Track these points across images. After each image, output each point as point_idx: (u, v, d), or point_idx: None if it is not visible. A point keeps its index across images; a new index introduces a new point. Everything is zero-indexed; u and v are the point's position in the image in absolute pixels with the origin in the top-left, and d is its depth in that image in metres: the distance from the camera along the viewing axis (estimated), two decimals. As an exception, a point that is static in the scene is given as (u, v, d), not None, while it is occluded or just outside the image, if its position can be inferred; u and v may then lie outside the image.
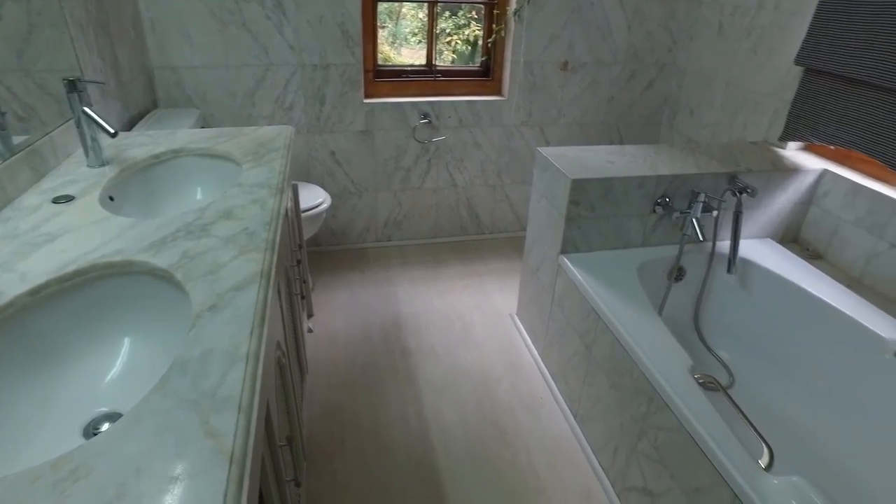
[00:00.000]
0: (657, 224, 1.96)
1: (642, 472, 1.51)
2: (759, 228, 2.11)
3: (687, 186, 1.91)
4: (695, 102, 2.72)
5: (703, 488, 1.26)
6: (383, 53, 2.72)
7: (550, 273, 2.00)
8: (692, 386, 1.36)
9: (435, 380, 2.07)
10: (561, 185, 1.86)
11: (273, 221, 1.18)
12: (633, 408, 1.53)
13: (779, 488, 1.12)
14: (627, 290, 1.72)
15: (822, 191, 2.08)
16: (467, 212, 2.98)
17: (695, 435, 1.26)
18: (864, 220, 1.93)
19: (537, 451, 1.81)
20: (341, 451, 1.78)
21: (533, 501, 1.65)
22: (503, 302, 2.52)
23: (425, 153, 2.75)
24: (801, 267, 1.94)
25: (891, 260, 1.85)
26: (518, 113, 2.77)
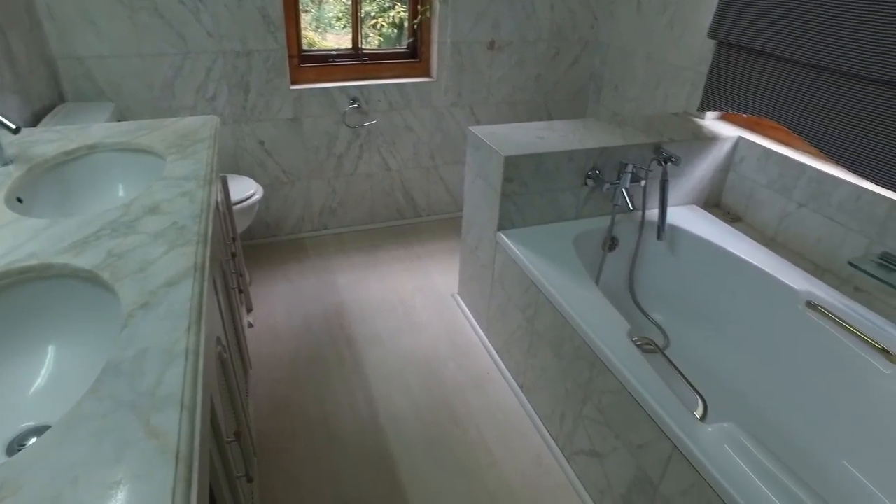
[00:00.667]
0: (589, 196, 2.02)
1: (588, 434, 1.57)
2: (684, 195, 2.21)
3: (615, 158, 1.97)
4: (618, 77, 2.80)
5: (645, 444, 1.33)
6: (308, 38, 2.65)
7: (489, 250, 2.03)
8: (630, 349, 1.42)
9: (382, 365, 2.07)
10: (494, 163, 1.88)
11: (203, 214, 1.14)
12: (576, 374, 1.59)
13: (713, 435, 1.19)
14: (564, 262, 1.77)
15: (738, 157, 2.20)
16: (403, 195, 2.97)
17: (635, 394, 1.32)
18: (776, 183, 2.06)
19: (488, 426, 1.85)
20: (292, 445, 1.75)
21: (487, 475, 1.69)
22: (444, 283, 2.54)
23: (357, 138, 2.72)
24: (723, 230, 2.05)
25: (799, 218, 1.98)
26: (448, 94, 2.77)
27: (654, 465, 1.31)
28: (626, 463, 1.41)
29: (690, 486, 1.20)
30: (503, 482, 1.67)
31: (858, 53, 1.63)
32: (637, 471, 1.37)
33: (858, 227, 1.80)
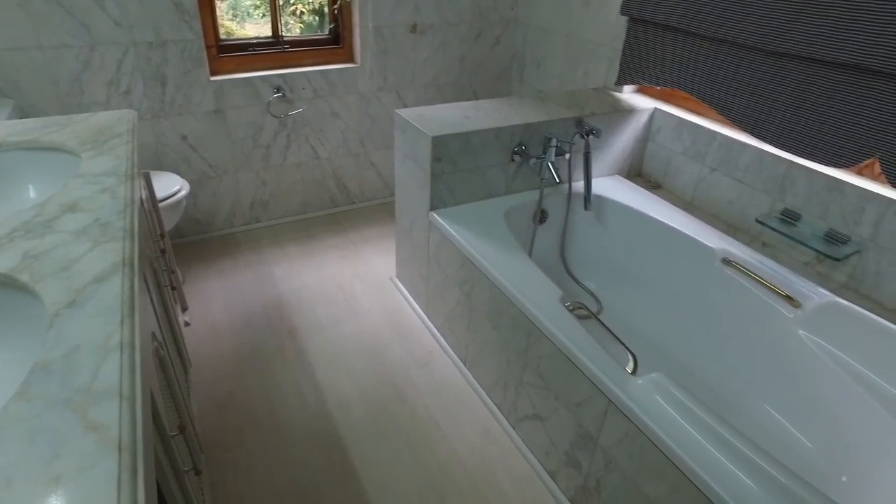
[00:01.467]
0: (517, 172, 2.08)
1: (531, 400, 1.64)
2: (608, 166, 2.31)
3: (540, 133, 2.03)
4: (540, 56, 2.87)
5: (583, 401, 1.40)
6: (225, 27, 2.57)
7: (423, 231, 2.06)
8: (564, 314, 1.49)
9: (325, 353, 2.07)
10: (422, 144, 1.90)
11: (128, 209, 1.11)
12: (514, 343, 1.65)
13: (643, 387, 1.27)
14: (497, 237, 1.82)
15: (655, 127, 2.32)
16: (335, 183, 2.95)
17: (570, 356, 1.39)
18: (690, 150, 2.19)
19: (434, 403, 1.89)
20: (240, 439, 1.74)
21: (437, 450, 1.73)
22: (382, 267, 2.56)
23: (284, 128, 2.67)
24: (645, 197, 2.16)
25: (713, 182, 2.11)
26: (373, 79, 2.76)
27: (592, 420, 1.39)
28: (567, 422, 1.49)
29: (625, 435, 1.28)
30: (453, 454, 1.72)
31: (755, 27, 1.75)
32: (578, 428, 1.45)
33: (763, 187, 1.94)
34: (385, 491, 1.60)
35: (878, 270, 1.68)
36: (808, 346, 1.62)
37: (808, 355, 1.62)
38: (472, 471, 1.67)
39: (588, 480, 1.46)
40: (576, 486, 1.52)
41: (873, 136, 1.59)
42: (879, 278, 1.68)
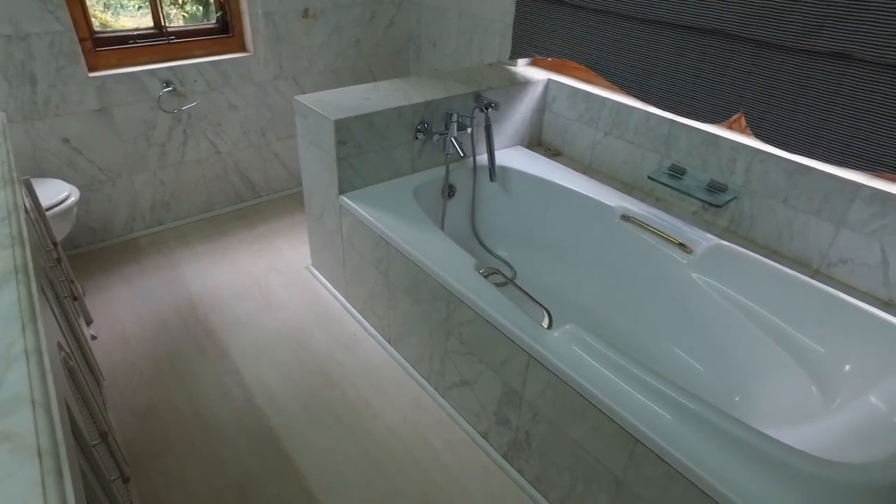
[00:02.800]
0: (422, 149, 2.11)
1: (457, 367, 1.70)
2: (509, 138, 2.39)
3: (440, 110, 2.07)
4: (435, 35, 2.91)
5: (505, 360, 1.47)
6: (99, 19, 2.41)
7: (335, 216, 2.05)
8: (479, 280, 1.55)
9: (248, 348, 2.03)
10: (325, 129, 1.89)
11: (12, 215, 1.04)
12: (435, 314, 1.70)
13: (559, 339, 1.36)
14: (408, 214, 1.85)
15: (551, 97, 2.42)
16: (238, 177, 2.86)
17: (489, 318, 1.46)
18: (584, 117, 2.31)
19: (364, 384, 1.91)
20: (167, 446, 1.68)
21: (371, 427, 1.76)
22: (296, 257, 2.52)
23: (178, 124, 2.55)
24: (547, 164, 2.26)
25: (607, 146, 2.24)
26: (268, 67, 2.69)
27: (515, 376, 1.46)
28: (493, 382, 1.56)
29: (547, 386, 1.37)
30: (387, 430, 1.75)
31: (629, -7, 1.87)
32: (503, 386, 1.53)
33: (651, 146, 2.09)
34: (324, 474, 1.62)
35: (752, 213, 1.87)
36: (701, 287, 1.78)
37: (702, 295, 1.78)
38: (408, 442, 1.71)
39: (518, 434, 1.55)
40: (507, 442, 1.61)
41: (738, 94, 1.75)
42: (754, 220, 1.87)
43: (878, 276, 1.65)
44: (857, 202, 1.63)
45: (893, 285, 1.62)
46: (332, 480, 1.60)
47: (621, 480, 1.27)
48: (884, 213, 1.59)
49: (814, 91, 1.58)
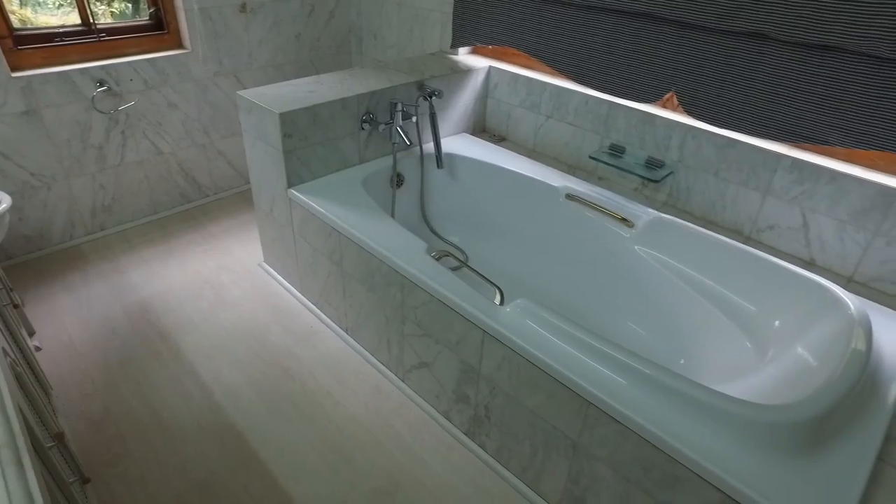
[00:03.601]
0: (369, 140, 2.13)
1: (414, 350, 1.73)
2: (454, 125, 2.43)
3: (385, 100, 2.09)
4: (376, 27, 2.91)
5: (461, 339, 1.52)
6: (18, 15, 2.31)
7: (284, 210, 2.05)
8: (431, 262, 1.58)
9: (203, 347, 2.01)
10: (270, 123, 1.88)
11: (-53, 217, 1.01)
12: (390, 300, 1.72)
13: (511, 313, 1.41)
14: (358, 203, 1.87)
15: (493, 84, 2.47)
16: (183, 178, 2.80)
17: (443, 299, 1.49)
18: (526, 102, 2.37)
19: (324, 375, 1.92)
20: (126, 451, 1.66)
21: (333, 416, 1.77)
22: (248, 255, 2.50)
23: (115, 124, 2.48)
24: (492, 150, 2.32)
25: (549, 128, 2.31)
26: (207, 64, 2.64)
27: (471, 353, 1.51)
28: (450, 361, 1.60)
29: (502, 359, 1.42)
30: (349, 417, 1.77)
31: (562, -21, 1.93)
32: (460, 364, 1.57)
33: (591, 127, 2.17)
34: (289, 464, 1.63)
35: (687, 186, 1.97)
36: (643, 258, 1.87)
37: (644, 266, 1.87)
38: (371, 428, 1.74)
39: (478, 410, 1.59)
40: (468, 418, 1.65)
41: (669, 74, 1.84)
42: (689, 193, 1.97)
43: (801, 239, 1.77)
44: (780, 171, 1.74)
45: (814, 246, 1.75)
46: (298, 470, 1.61)
47: (577, 443, 1.33)
48: (802, 180, 1.71)
49: (736, 69, 1.68)
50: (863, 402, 1.23)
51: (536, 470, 1.50)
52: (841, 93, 1.52)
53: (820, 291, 1.53)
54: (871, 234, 1.63)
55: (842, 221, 1.67)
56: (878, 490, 1.10)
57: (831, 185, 1.66)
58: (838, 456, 1.11)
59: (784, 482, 1.05)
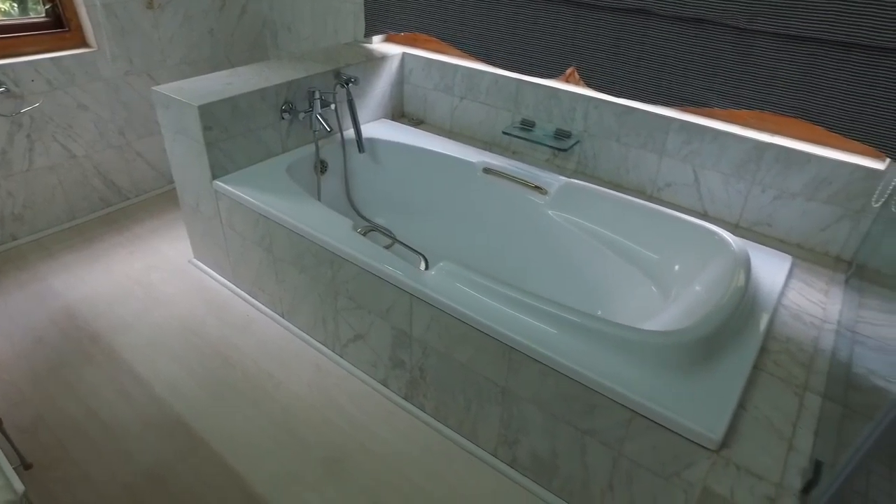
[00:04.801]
0: (290, 129, 2.17)
1: (349, 323, 1.81)
2: (373, 112, 2.51)
3: (303, 89, 2.14)
4: (289, 20, 2.93)
5: (392, 306, 1.61)
6: None
7: (211, 202, 2.07)
8: (358, 237, 1.66)
9: (139, 346, 2.01)
10: (189, 116, 1.90)
11: None
12: (322, 278, 1.79)
13: (437, 276, 1.51)
14: (284, 190, 1.92)
15: (407, 70, 2.56)
16: (101, 181, 2.74)
17: (372, 270, 1.58)
18: (440, 85, 2.47)
19: (264, 359, 1.96)
20: (64, 454, 1.64)
21: (276, 396, 1.82)
22: (177, 253, 2.49)
23: (19, 128, 2.40)
24: (412, 133, 2.41)
25: (464, 109, 2.43)
26: (117, 63, 2.59)
27: (402, 318, 1.60)
28: (384, 329, 1.69)
29: (431, 320, 1.52)
30: (293, 396, 1.83)
31: (463, -35, 2.04)
32: (393, 330, 1.66)
33: (503, 105, 2.30)
34: (238, 446, 1.67)
35: (594, 153, 2.13)
36: (557, 222, 2.01)
37: (559, 228, 2.02)
38: (314, 403, 1.80)
39: (413, 373, 1.69)
40: (405, 382, 1.75)
41: (569, 50, 1.98)
42: (596, 159, 2.13)
43: (694, 193, 1.96)
44: (671, 133, 1.93)
45: (706, 199, 1.95)
46: (247, 450, 1.66)
47: (505, 388, 1.46)
48: (690, 140, 1.90)
49: (627, 43, 1.84)
50: (742, 324, 1.41)
51: (472, 422, 1.62)
52: (714, 60, 1.71)
53: (710, 237, 1.72)
54: (749, 183, 1.84)
55: (725, 174, 1.88)
56: (754, 390, 1.28)
57: (714, 143, 1.86)
58: (723, 368, 1.28)
59: (680, 394, 1.21)
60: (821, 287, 1.65)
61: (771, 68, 1.62)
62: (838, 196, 1.71)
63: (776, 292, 1.57)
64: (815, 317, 1.53)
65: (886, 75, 1.46)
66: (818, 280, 1.68)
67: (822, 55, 1.53)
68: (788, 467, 1.12)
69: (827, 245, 1.79)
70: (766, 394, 1.28)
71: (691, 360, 1.27)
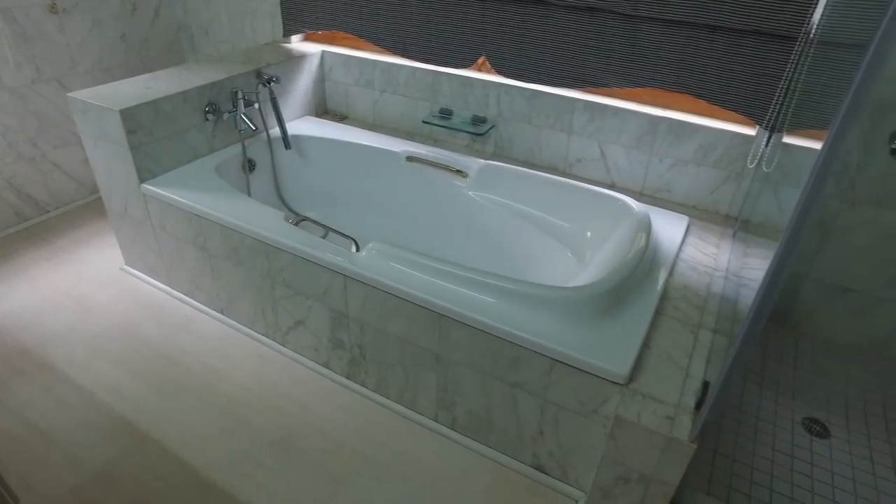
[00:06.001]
0: (215, 129, 2.20)
1: (288, 311, 1.88)
2: (296, 110, 2.56)
3: (225, 90, 2.18)
4: (206, 22, 2.93)
5: (327, 288, 1.69)
6: None
7: (140, 207, 2.08)
8: (290, 227, 1.74)
9: (75, 356, 2.00)
10: (111, 121, 1.91)
11: None
12: (258, 270, 1.85)
13: (367, 256, 1.61)
14: (214, 188, 1.96)
15: (328, 67, 2.63)
16: (15, 195, 2.66)
17: (305, 256, 1.66)
18: (360, 81, 2.56)
19: (206, 356, 2.00)
20: (1, 468, 1.64)
21: (221, 388, 1.87)
22: (107, 262, 2.46)
23: (-74, 146, 2.31)
24: (336, 128, 2.49)
25: (384, 102, 2.53)
26: (22, 71, 2.52)
27: (338, 299, 1.69)
28: (321, 312, 1.77)
29: (365, 298, 1.62)
30: (238, 386, 1.88)
31: (373, -36, 2.14)
32: (331, 312, 1.75)
33: (421, 96, 2.41)
34: (187, 438, 1.71)
35: (509, 136, 2.28)
36: (479, 202, 2.15)
37: (480, 208, 2.15)
38: (260, 391, 1.86)
39: (353, 351, 1.78)
40: (346, 361, 1.84)
41: (479, 41, 2.12)
42: (511, 142, 2.28)
43: (602, 167, 2.14)
44: (577, 113, 2.10)
45: (612, 171, 2.13)
46: (197, 440, 1.70)
47: (439, 354, 1.57)
48: (594, 118, 2.07)
49: (530, 31, 2.00)
50: (645, 277, 1.59)
51: (412, 390, 1.73)
52: (608, 44, 1.88)
53: (616, 204, 1.90)
54: (648, 154, 2.03)
55: (627, 147, 2.06)
56: (656, 332, 1.46)
57: (615, 120, 2.04)
58: (629, 315, 1.45)
59: (593, 340, 1.36)
60: (713, 241, 1.86)
61: (655, 50, 1.81)
62: (722, 160, 1.92)
63: (675, 248, 1.76)
64: (708, 266, 1.73)
65: (746, 54, 1.67)
66: (711, 235, 1.89)
67: (694, 37, 1.74)
68: (685, 391, 1.30)
69: (717, 205, 2.00)
70: (667, 334, 1.45)
71: (600, 310, 1.43)
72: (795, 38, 1.59)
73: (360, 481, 1.60)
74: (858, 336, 1.95)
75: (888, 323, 1.88)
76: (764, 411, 1.76)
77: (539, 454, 1.57)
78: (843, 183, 1.76)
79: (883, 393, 1.84)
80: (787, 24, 1.58)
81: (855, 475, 1.57)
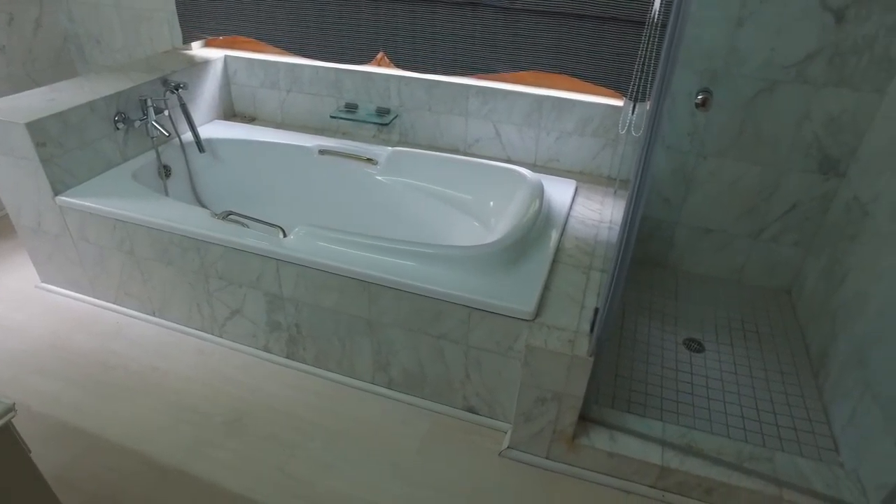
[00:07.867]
0: (126, 138, 2.24)
1: (224, 302, 1.98)
2: (205, 114, 2.63)
3: (133, 99, 2.23)
4: (97, 32, 2.90)
5: (260, 275, 1.83)
6: None
7: (56, 219, 2.09)
8: (217, 221, 1.85)
9: (1, 375, 1.99)
10: (16, 135, 1.91)
11: None
12: (190, 265, 1.94)
13: (295, 239, 1.76)
14: (133, 194, 2.02)
15: (232, 71, 2.71)
16: (-90, 224, 2.55)
17: (236, 246, 1.78)
18: (266, 82, 2.67)
19: (144, 356, 2.06)
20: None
21: (165, 382, 1.95)
22: (19, 281, 2.43)
23: None
24: (246, 129, 2.58)
25: (291, 102, 2.65)
26: None
27: (271, 283, 1.83)
28: (257, 299, 1.90)
29: (298, 277, 1.77)
30: (181, 379, 1.97)
31: (268, -30, 2.25)
32: (266, 296, 1.88)
33: (327, 93, 2.56)
34: (138, 433, 1.78)
35: (412, 124, 2.48)
36: (389, 185, 2.34)
37: (392, 191, 2.35)
38: (205, 382, 1.96)
39: (290, 330, 1.93)
40: (285, 342, 1.97)
41: (377, 37, 2.29)
42: (415, 129, 2.48)
43: (498, 145, 2.39)
44: (471, 98, 2.33)
45: (507, 147, 2.38)
46: (148, 433, 1.78)
47: (370, 320, 1.75)
48: (487, 101, 2.31)
49: (421, 26, 2.20)
50: (542, 233, 1.85)
51: (349, 359, 1.90)
52: (492, 34, 2.12)
53: (512, 175, 2.15)
54: (537, 129, 2.30)
55: (518, 125, 2.32)
56: (555, 276, 1.72)
57: (505, 101, 2.29)
58: (531, 265, 1.70)
59: (502, 288, 1.59)
60: (598, 200, 2.16)
61: (535, 37, 2.07)
62: (598, 130, 2.22)
63: (566, 208, 2.03)
64: (595, 220, 2.01)
65: (609, 37, 1.96)
66: (596, 195, 2.19)
67: (566, 24, 2.01)
68: (581, 320, 1.56)
69: (599, 169, 2.31)
70: (563, 276, 1.71)
71: (505, 263, 1.67)
72: (643, 22, 1.90)
73: (313, 444, 1.76)
74: (721, 268, 2.33)
75: (740, 255, 2.26)
76: (653, 337, 2.08)
77: (468, 396, 1.79)
78: (695, 140, 2.10)
79: (741, 312, 2.22)
80: (636, 11, 1.88)
81: (723, 377, 1.92)
